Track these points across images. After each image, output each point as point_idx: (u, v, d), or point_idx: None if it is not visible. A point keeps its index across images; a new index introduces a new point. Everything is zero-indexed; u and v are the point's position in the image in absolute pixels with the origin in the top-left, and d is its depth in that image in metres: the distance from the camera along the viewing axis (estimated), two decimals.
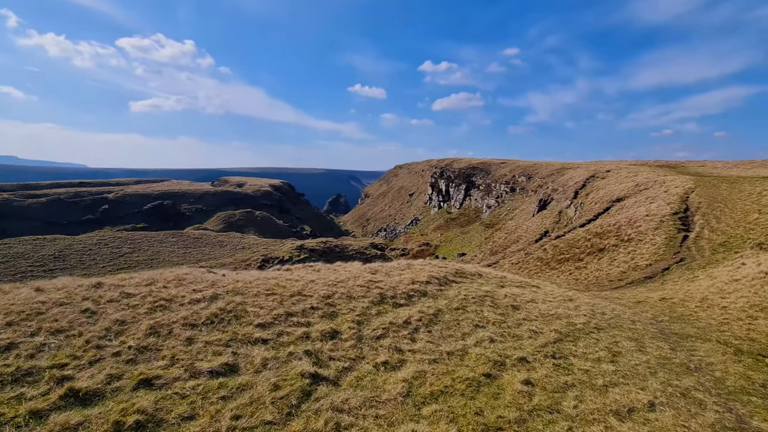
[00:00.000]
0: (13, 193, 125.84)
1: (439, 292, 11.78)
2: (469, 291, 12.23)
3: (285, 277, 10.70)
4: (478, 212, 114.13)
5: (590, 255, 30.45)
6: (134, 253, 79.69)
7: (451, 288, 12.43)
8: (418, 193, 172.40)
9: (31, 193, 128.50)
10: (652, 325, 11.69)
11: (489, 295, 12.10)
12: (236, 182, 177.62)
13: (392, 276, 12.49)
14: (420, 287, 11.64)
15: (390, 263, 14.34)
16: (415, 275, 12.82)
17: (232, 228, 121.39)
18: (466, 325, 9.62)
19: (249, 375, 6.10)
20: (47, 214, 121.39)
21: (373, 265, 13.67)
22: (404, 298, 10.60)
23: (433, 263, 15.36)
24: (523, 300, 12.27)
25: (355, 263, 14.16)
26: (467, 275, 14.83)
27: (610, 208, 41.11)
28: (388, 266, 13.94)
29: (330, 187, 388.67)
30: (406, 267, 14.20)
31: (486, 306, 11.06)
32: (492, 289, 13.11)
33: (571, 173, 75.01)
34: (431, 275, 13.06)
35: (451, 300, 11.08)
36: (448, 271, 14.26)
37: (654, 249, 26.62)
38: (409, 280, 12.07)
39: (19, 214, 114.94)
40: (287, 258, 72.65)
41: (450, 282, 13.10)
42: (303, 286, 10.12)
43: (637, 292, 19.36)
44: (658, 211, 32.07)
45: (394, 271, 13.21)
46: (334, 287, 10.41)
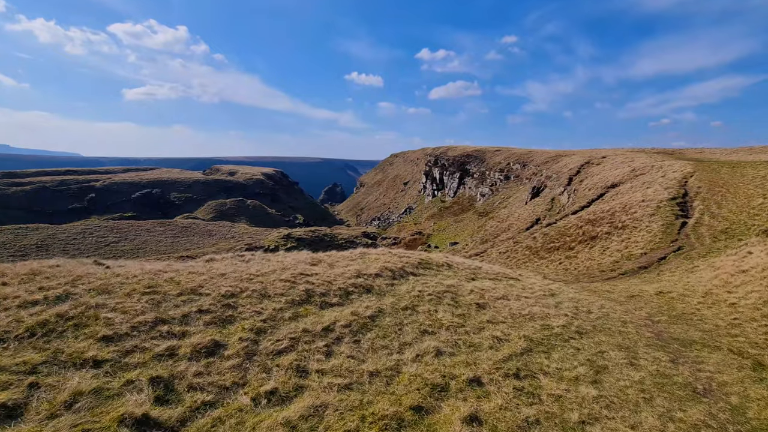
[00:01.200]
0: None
1: (389, 287, 9.64)
2: (427, 286, 10.10)
3: (191, 270, 8.51)
4: (472, 201, 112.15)
5: (581, 243, 28.40)
6: (120, 242, 77.46)
7: (405, 282, 10.30)
8: (412, 181, 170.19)
9: (15, 181, 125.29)
10: (648, 328, 9.61)
11: (451, 291, 9.97)
12: (228, 171, 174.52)
13: (336, 267, 10.32)
14: (365, 281, 9.49)
15: (342, 252, 12.21)
16: (365, 266, 10.65)
17: (223, 217, 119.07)
18: (410, 331, 7.48)
19: (31, 424, 3.95)
20: (31, 203, 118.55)
21: (318, 255, 11.49)
22: (339, 295, 8.45)
23: (394, 252, 13.22)
24: (492, 296, 10.15)
25: (302, 252, 11.97)
26: (432, 266, 12.68)
27: (605, 195, 39.01)
28: (337, 255, 11.76)
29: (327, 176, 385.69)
30: (359, 256, 12.03)
31: (444, 305, 8.93)
32: (457, 282, 10.97)
33: (566, 160, 72.80)
34: (385, 266, 10.90)
35: (401, 297, 8.94)
36: (409, 262, 12.11)
37: (650, 237, 24.57)
38: (353, 272, 9.92)
39: (2, 203, 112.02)
40: (273, 247, 70.46)
41: (407, 275, 10.96)
42: (204, 282, 7.93)
43: (631, 283, 17.30)
44: (655, 197, 29.97)
45: (342, 262, 11.04)
46: (248, 282, 8.23)
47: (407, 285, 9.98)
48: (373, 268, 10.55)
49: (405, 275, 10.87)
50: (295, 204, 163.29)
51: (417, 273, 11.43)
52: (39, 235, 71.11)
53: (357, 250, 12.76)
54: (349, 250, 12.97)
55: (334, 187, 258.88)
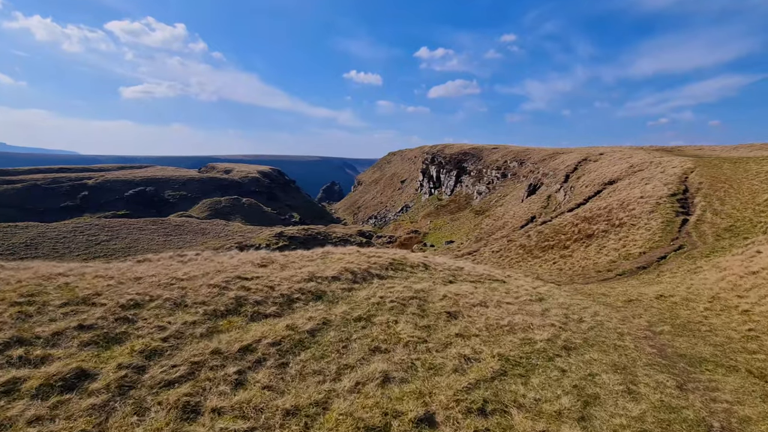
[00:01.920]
0: None
1: (346, 292, 8.20)
2: (392, 291, 8.66)
3: (99, 273, 7.04)
4: (469, 199, 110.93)
5: (577, 242, 26.99)
6: (111, 240, 76.17)
7: (368, 286, 8.85)
8: (410, 180, 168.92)
9: (6, 179, 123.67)
10: (648, 341, 8.19)
11: (419, 297, 8.53)
12: (224, 168, 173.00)
13: (288, 269, 8.88)
14: (317, 286, 8.04)
15: (303, 251, 10.76)
16: (323, 268, 9.20)
17: (218, 215, 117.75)
18: (357, 349, 6.05)
19: None
20: (23, 201, 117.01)
21: (273, 255, 10.04)
22: (279, 304, 7.01)
23: (364, 251, 11.78)
24: (468, 303, 8.72)
25: (252, 252, 10.51)
26: (406, 267, 11.24)
27: (602, 191, 37.62)
28: (295, 255, 10.31)
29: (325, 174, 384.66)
30: (321, 256, 10.58)
31: (407, 314, 7.49)
32: (430, 287, 9.53)
33: (563, 157, 71.44)
34: (346, 268, 9.45)
35: (356, 305, 7.50)
36: (378, 263, 10.66)
37: (649, 235, 23.16)
38: (306, 275, 8.48)
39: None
40: (264, 246, 68.98)
41: (371, 278, 9.51)
42: (106, 288, 6.47)
43: (629, 285, 15.87)
44: (654, 193, 28.56)
45: (298, 263, 9.60)
46: (164, 289, 6.77)
47: (368, 290, 8.53)
48: (332, 270, 9.10)
49: (369, 278, 9.42)
50: (291, 202, 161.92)
51: (385, 275, 9.97)
52: (28, 234, 69.66)
53: (320, 250, 11.32)
54: (312, 250, 11.53)
55: (332, 186, 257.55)
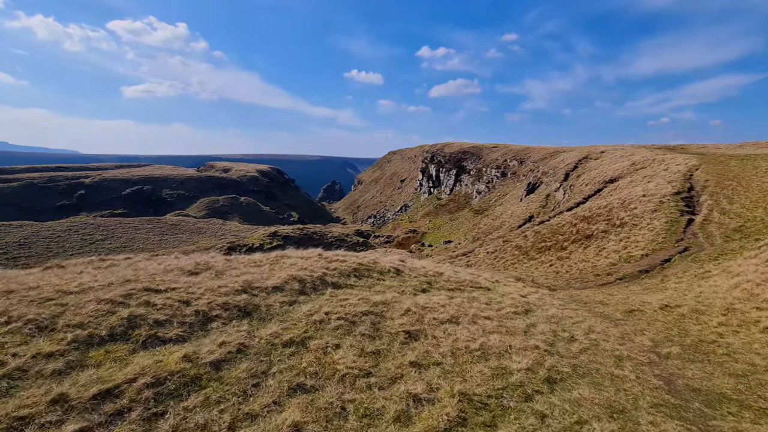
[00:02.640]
0: None
1: (286, 307, 6.72)
2: (344, 304, 7.17)
3: None
4: (468, 198, 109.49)
5: (575, 243, 25.45)
6: (106, 240, 75.21)
7: (316, 298, 7.38)
8: (409, 179, 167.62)
9: (3, 177, 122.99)
10: (653, 368, 6.68)
11: (376, 312, 7.04)
12: (222, 168, 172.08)
13: (223, 277, 7.40)
14: (250, 299, 6.55)
15: (251, 255, 9.26)
16: (267, 275, 7.73)
17: (216, 214, 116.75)
18: (272, 388, 4.58)
19: None
20: (19, 200, 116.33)
21: (212, 259, 8.55)
22: (189, 325, 5.55)
23: (326, 255, 10.30)
24: (436, 319, 7.24)
25: (193, 257, 9.00)
26: (373, 273, 9.76)
27: (602, 190, 36.05)
28: (240, 260, 8.82)
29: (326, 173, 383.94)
30: (271, 261, 9.07)
31: (354, 336, 6.02)
32: (393, 298, 8.04)
33: (563, 156, 69.85)
34: (295, 275, 7.96)
35: (292, 325, 6.04)
36: (339, 268, 9.17)
37: (651, 235, 21.62)
38: (240, 285, 7.00)
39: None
40: (257, 245, 67.58)
41: (325, 287, 8.03)
42: None
43: (630, 292, 14.36)
44: (657, 191, 26.99)
45: (239, 269, 8.11)
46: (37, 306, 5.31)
47: (315, 303, 7.05)
48: (276, 278, 7.63)
49: (321, 288, 7.93)
50: (290, 202, 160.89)
51: (343, 284, 8.49)
52: (22, 233, 68.62)
53: (273, 254, 9.84)
54: (262, 253, 10.04)
55: (332, 185, 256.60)
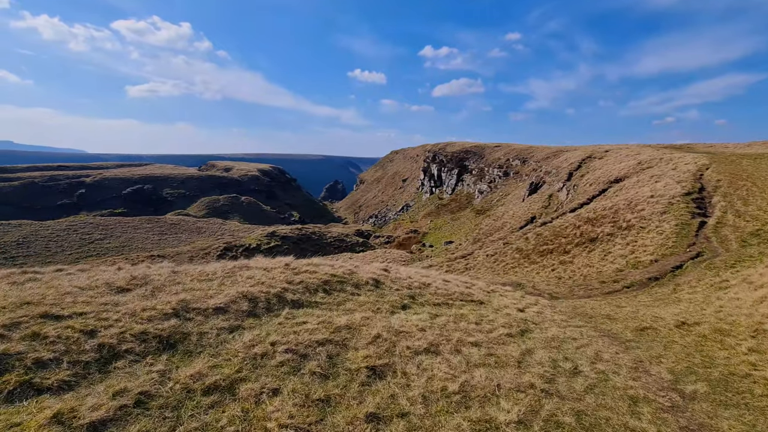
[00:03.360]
0: None
1: (225, 334, 5.43)
2: (299, 329, 5.87)
3: None
4: (470, 198, 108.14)
5: (579, 246, 24.10)
6: (105, 239, 74.53)
7: (266, 322, 6.08)
8: (411, 178, 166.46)
9: (4, 176, 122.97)
10: (678, 416, 5.36)
11: (336, 340, 5.75)
12: (223, 167, 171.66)
13: (158, 295, 6.12)
14: (181, 325, 5.27)
15: (208, 267, 7.98)
16: (211, 293, 6.48)
17: (216, 214, 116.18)
18: None
19: None
20: (20, 199, 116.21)
21: (153, 273, 7.23)
22: (84, 364, 4.28)
23: (294, 265, 9.02)
24: (410, 348, 5.96)
25: (127, 270, 7.58)
26: (346, 286, 8.48)
27: (607, 190, 34.63)
28: (190, 273, 7.51)
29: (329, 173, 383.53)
30: (228, 273, 7.78)
31: (302, 375, 4.75)
32: (364, 318, 6.76)
33: (567, 155, 68.33)
34: (246, 292, 6.68)
35: (224, 361, 4.76)
36: (306, 281, 7.89)
37: (661, 239, 20.24)
38: (173, 305, 5.73)
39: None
40: (254, 246, 66.53)
41: (283, 306, 6.73)
42: None
43: (639, 304, 13.02)
44: (666, 192, 25.58)
45: (183, 284, 6.85)
46: None
47: (262, 329, 5.79)
48: (222, 297, 6.39)
49: (278, 307, 6.67)
50: (292, 201, 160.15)
51: (305, 302, 7.22)
52: (21, 232, 68.05)
53: (233, 264, 8.57)
54: (222, 262, 8.79)
55: (335, 184, 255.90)
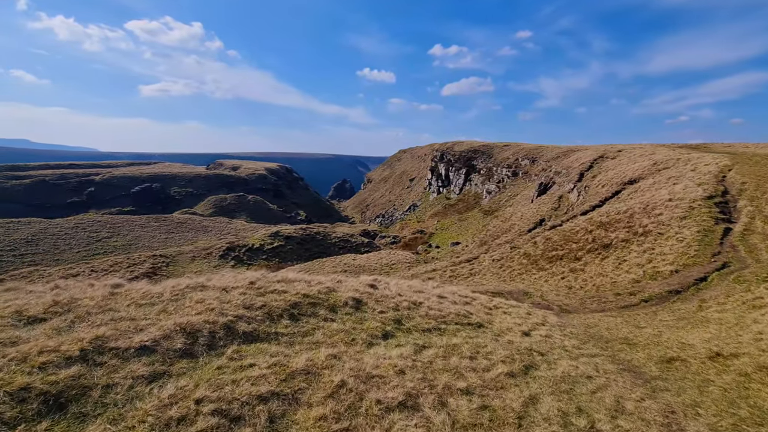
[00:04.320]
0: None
1: (140, 386, 4.18)
2: (240, 378, 4.53)
3: None
4: (478, 198, 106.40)
5: (591, 252, 22.53)
6: (113, 237, 74.83)
7: (202, 366, 4.81)
8: (418, 178, 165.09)
9: (15, 174, 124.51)
10: None
11: (286, 393, 4.50)
12: (231, 165, 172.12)
13: (71, 330, 4.87)
14: (77, 375, 3.99)
15: (147, 288, 6.75)
16: (142, 323, 5.23)
17: (223, 212, 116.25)
18: None
19: None
20: (30, 197, 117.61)
21: (85, 295, 5.99)
22: None
23: (261, 284, 7.69)
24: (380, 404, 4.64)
25: (35, 291, 6.33)
26: (320, 309, 7.16)
27: (621, 192, 32.87)
28: (128, 295, 6.30)
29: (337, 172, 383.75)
30: (173, 297, 6.52)
31: None
32: (330, 356, 5.50)
33: (577, 155, 66.29)
34: (187, 323, 5.42)
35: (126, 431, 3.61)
36: (271, 305, 6.60)
37: (681, 247, 18.62)
38: (81, 345, 4.51)
39: (1, 196, 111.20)
40: (257, 246, 65.72)
41: (231, 340, 5.47)
42: None
43: (662, 324, 11.54)
44: (686, 195, 23.85)
45: (116, 310, 5.60)
46: None
47: (193, 377, 4.50)
48: (155, 330, 5.12)
49: (224, 342, 5.40)
50: (298, 200, 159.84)
51: (261, 334, 5.92)
52: (30, 230, 68.49)
53: (186, 282, 7.25)
54: (176, 280, 7.56)
55: (343, 183, 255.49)
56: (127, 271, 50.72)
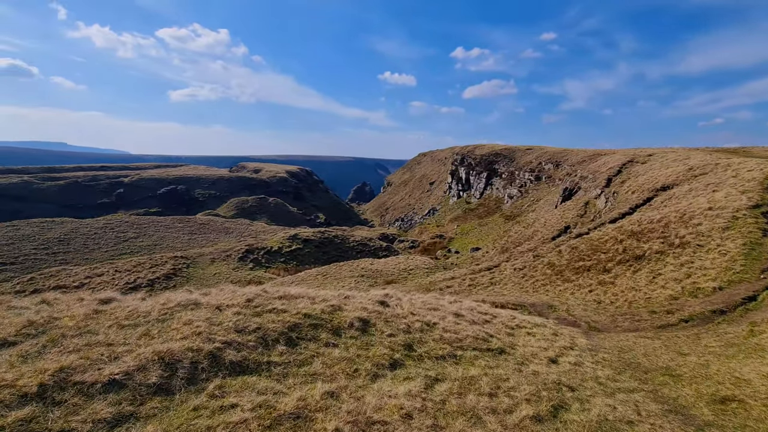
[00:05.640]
0: (34, 176, 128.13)
1: None
2: (216, 424, 3.96)
3: None
4: (499, 202, 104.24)
5: (621, 264, 21.06)
6: (139, 238, 77.22)
7: (176, 407, 4.18)
8: (438, 181, 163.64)
9: (51, 176, 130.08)
10: None
11: None
12: (253, 168, 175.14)
13: (40, 357, 4.28)
14: (27, 418, 3.53)
15: (134, 305, 6.13)
16: (118, 350, 4.61)
17: (244, 214, 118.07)
18: None
19: None
20: (64, 197, 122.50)
21: (66, 314, 5.42)
22: None
23: (263, 300, 6.98)
24: None
25: (15, 308, 5.77)
26: (321, 333, 6.40)
27: (653, 199, 30.98)
28: (113, 314, 5.68)
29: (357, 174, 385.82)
30: (161, 317, 5.82)
31: None
32: (326, 394, 4.76)
33: (604, 159, 63.69)
34: (167, 351, 4.68)
35: None
36: (264, 327, 5.90)
37: (725, 262, 17.04)
38: (40, 380, 3.93)
39: (37, 197, 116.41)
40: (276, 248, 66.01)
41: (215, 371, 4.78)
42: None
43: (707, 350, 10.28)
44: (728, 203, 22.05)
45: (95, 332, 4.98)
46: None
47: (164, 421, 3.88)
48: (130, 359, 4.45)
49: (207, 374, 4.72)
50: (318, 203, 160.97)
51: (251, 363, 5.21)
52: (63, 229, 71.49)
53: (178, 298, 6.65)
54: (167, 295, 6.93)
55: (363, 186, 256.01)
56: (149, 271, 51.67)
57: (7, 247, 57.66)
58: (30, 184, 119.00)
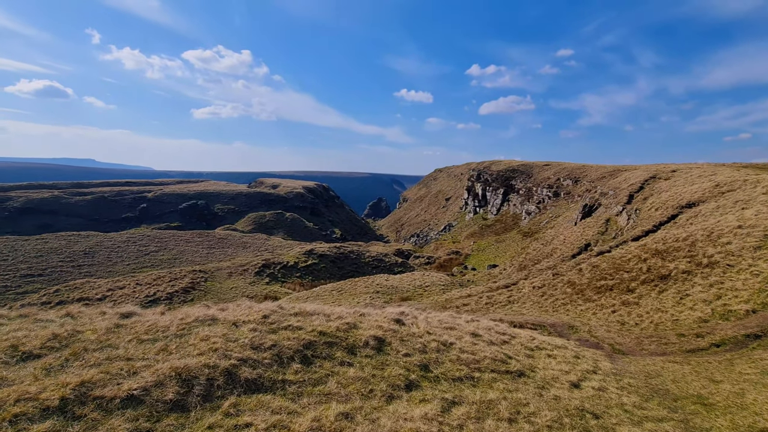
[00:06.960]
0: (63, 191, 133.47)
1: None
2: None
3: None
4: (516, 219, 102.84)
5: (646, 284, 20.31)
6: (159, 251, 79.21)
7: (191, 425, 4.25)
8: (454, 197, 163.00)
9: (80, 191, 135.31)
10: None
11: None
12: (271, 184, 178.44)
13: (62, 371, 4.38)
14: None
15: (154, 319, 6.22)
16: (136, 365, 4.70)
17: (262, 229, 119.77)
18: None
19: None
20: (91, 212, 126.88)
21: (88, 327, 5.57)
22: None
23: (278, 317, 6.98)
24: None
25: (41, 322, 5.96)
26: (336, 352, 6.32)
27: (678, 216, 30.02)
28: (133, 328, 5.71)
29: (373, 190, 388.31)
30: (179, 332, 5.83)
31: None
32: (340, 416, 4.69)
33: (626, 175, 62.36)
34: (183, 367, 4.74)
35: None
36: (280, 345, 5.83)
37: (758, 283, 16.25)
38: (61, 394, 3.99)
39: (66, 211, 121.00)
40: (292, 263, 66.48)
41: (230, 389, 4.78)
42: None
43: (742, 378, 9.72)
44: (759, 221, 21.15)
45: (114, 346, 5.07)
46: None
47: None
48: (149, 375, 4.49)
49: (223, 391, 4.65)
50: (334, 218, 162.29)
51: (266, 381, 5.19)
52: (88, 242, 74.16)
53: (196, 312, 6.73)
54: (185, 309, 7.01)
55: (379, 202, 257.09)
56: (169, 285, 52.65)
57: (36, 259, 60.16)
58: (59, 198, 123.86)
